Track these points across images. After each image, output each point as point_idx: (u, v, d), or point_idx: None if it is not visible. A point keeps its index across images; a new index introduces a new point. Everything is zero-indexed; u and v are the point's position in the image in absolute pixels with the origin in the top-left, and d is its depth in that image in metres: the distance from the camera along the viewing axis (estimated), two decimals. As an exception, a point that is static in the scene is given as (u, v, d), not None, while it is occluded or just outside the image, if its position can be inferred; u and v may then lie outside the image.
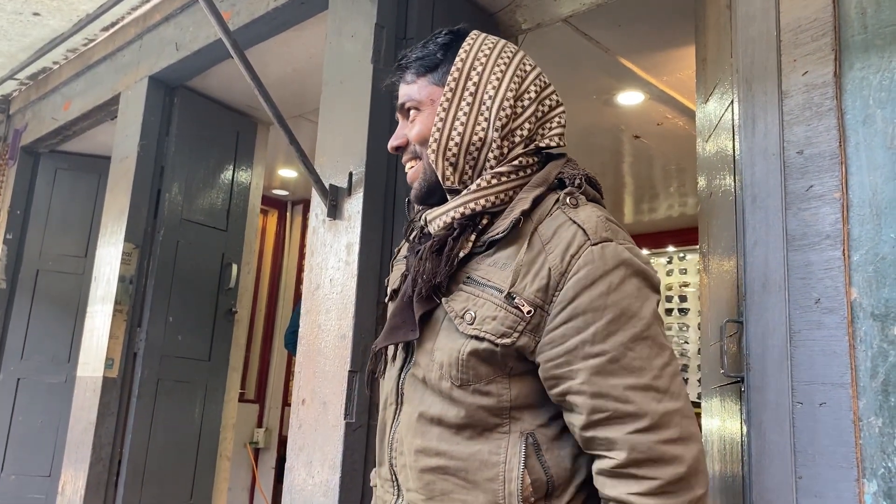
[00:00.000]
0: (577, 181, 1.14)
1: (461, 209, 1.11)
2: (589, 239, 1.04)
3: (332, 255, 2.47)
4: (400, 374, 1.20)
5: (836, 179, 1.43)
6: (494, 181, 1.12)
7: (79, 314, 4.34)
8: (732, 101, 1.74)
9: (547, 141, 1.17)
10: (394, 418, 1.20)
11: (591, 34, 3.21)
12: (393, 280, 1.32)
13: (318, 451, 2.35)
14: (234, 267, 3.94)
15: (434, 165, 1.15)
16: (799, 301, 1.45)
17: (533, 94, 1.17)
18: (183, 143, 3.77)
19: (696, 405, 1.61)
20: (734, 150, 1.70)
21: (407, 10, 2.68)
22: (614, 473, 1.00)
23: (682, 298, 6.38)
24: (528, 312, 1.04)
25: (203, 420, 3.80)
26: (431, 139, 1.15)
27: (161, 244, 3.64)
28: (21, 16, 3.66)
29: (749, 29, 1.64)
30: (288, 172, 5.44)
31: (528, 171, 1.16)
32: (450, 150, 1.14)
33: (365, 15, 2.61)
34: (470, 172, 1.15)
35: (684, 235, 6.28)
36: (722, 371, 1.69)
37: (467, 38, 1.21)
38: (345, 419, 2.29)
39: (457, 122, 1.14)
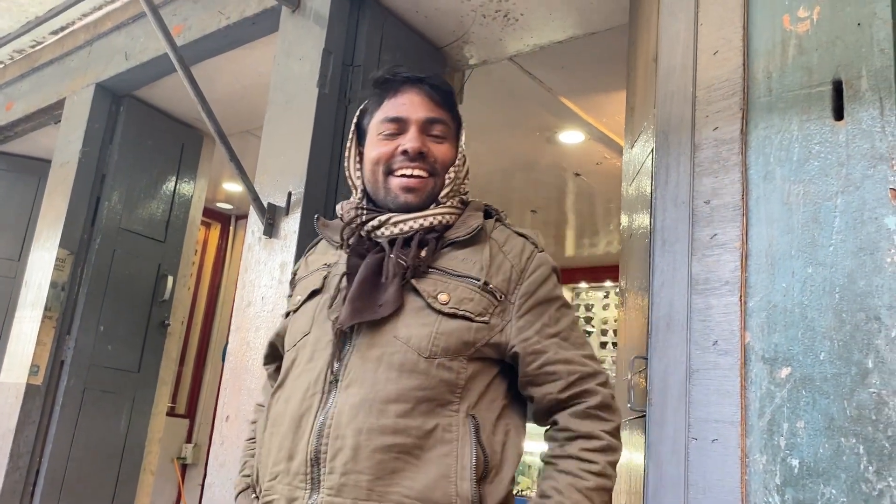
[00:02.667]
0: (502, 213, 1.42)
1: (440, 217, 1.34)
2: (536, 247, 1.34)
3: (266, 273, 2.50)
4: (331, 361, 1.23)
5: (738, 230, 1.52)
6: (459, 203, 1.40)
7: (7, 319, 4.24)
8: (653, 150, 1.84)
9: None
10: (319, 406, 1.21)
11: (535, 73, 3.32)
12: (307, 286, 1.39)
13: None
14: (170, 279, 3.91)
15: (445, 187, 1.36)
16: (699, 342, 1.53)
17: None
18: (126, 152, 3.75)
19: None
20: (651, 195, 1.79)
21: (355, 39, 2.74)
22: (587, 414, 1.24)
23: (616, 332, 6.51)
24: (500, 297, 1.27)
25: (128, 432, 3.74)
26: (454, 168, 1.37)
27: (97, 252, 3.60)
28: (-33, 13, 3.62)
29: (669, 83, 1.75)
30: (233, 186, 5.42)
31: None
32: (458, 179, 1.39)
33: (314, 39, 2.66)
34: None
35: (622, 271, 6.42)
36: (629, 405, 1.76)
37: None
38: (268, 437, 2.30)
39: (464, 162, 1.41)
